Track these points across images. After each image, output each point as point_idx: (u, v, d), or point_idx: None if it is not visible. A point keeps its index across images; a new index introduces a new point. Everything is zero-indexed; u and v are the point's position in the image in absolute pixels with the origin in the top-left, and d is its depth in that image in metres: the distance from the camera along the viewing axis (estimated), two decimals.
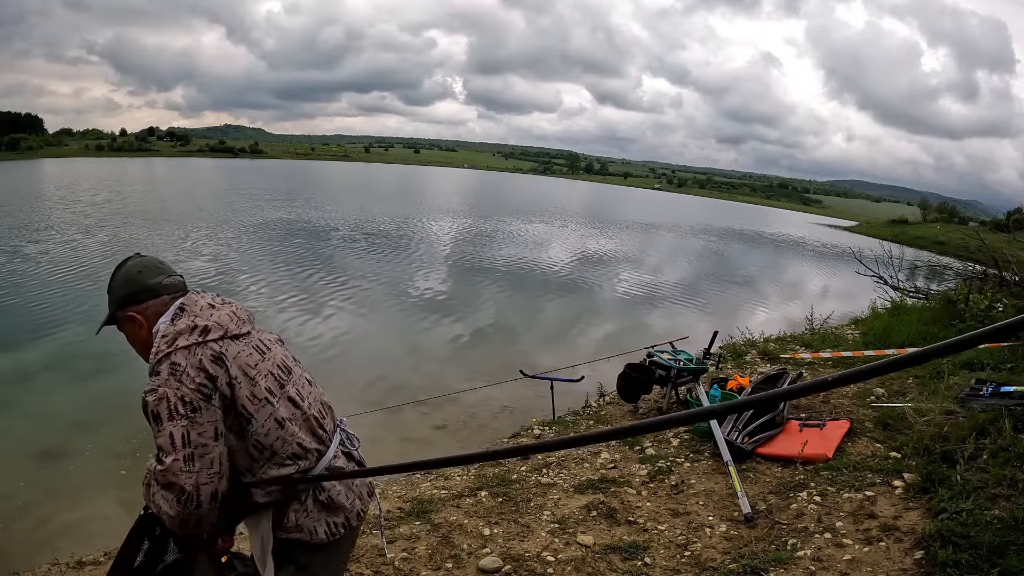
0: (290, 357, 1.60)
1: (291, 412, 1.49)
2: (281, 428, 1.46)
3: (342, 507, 1.54)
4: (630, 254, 20.75)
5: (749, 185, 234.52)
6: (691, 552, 2.97)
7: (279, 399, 1.47)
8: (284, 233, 18.05)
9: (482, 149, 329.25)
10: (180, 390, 1.34)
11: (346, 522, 1.55)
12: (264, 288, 10.89)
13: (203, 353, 1.39)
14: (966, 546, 2.47)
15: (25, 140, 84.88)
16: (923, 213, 68.87)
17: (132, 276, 1.54)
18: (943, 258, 25.91)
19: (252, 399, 1.43)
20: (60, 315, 8.30)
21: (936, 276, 16.18)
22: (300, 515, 1.49)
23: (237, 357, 1.43)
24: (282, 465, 1.46)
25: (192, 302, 1.49)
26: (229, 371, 1.40)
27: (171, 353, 1.37)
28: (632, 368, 5.02)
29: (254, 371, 1.45)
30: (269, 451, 1.45)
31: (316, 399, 1.60)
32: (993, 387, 4.16)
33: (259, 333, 1.55)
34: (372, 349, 8.07)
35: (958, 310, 6.61)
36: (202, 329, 1.42)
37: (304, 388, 1.57)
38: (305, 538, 1.49)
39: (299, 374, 1.59)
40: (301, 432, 1.50)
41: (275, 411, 1.45)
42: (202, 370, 1.37)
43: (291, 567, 1.51)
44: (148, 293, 1.52)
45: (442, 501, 3.62)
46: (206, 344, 1.40)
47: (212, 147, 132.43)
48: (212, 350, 1.40)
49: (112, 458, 4.77)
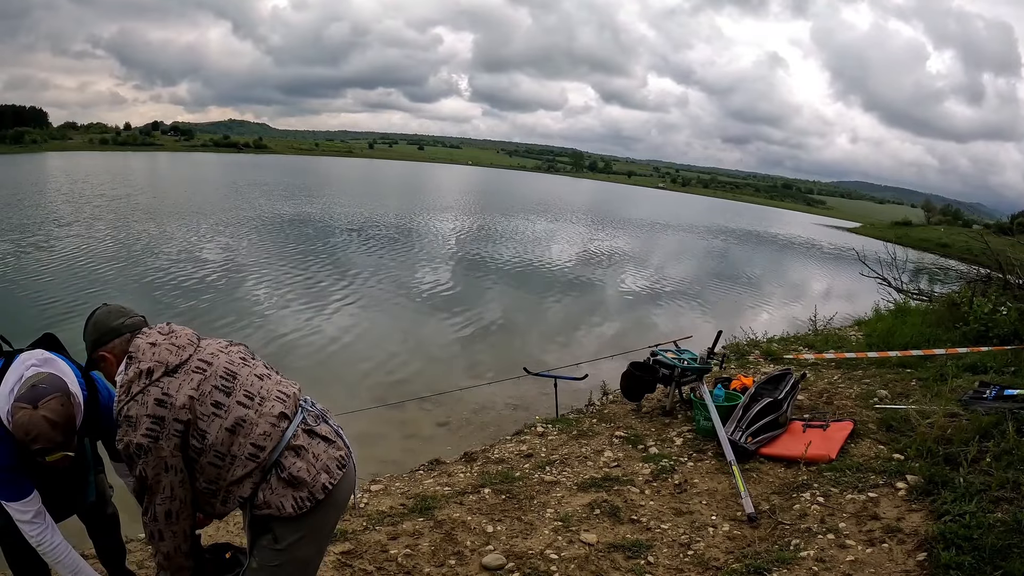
0: (235, 361, 1.76)
1: (242, 414, 1.68)
2: (233, 434, 1.65)
3: (304, 482, 1.68)
4: (633, 252, 20.73)
5: (753, 185, 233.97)
6: (694, 551, 2.98)
7: (227, 408, 1.67)
8: (289, 228, 18.08)
9: (486, 147, 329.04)
10: (135, 437, 1.59)
11: (310, 496, 1.68)
12: (268, 284, 10.92)
13: (148, 399, 1.60)
14: (969, 548, 2.48)
15: (29, 133, 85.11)
16: (927, 215, 68.63)
17: (100, 321, 1.78)
18: (946, 260, 25.83)
19: (201, 418, 1.63)
20: (69, 307, 8.32)
21: (939, 278, 16.13)
22: (267, 493, 1.67)
23: (180, 389, 1.63)
24: (244, 464, 1.65)
25: (136, 347, 1.68)
26: (174, 405, 1.61)
27: (125, 405, 1.61)
28: (636, 367, 5.03)
29: (197, 392, 1.64)
30: (229, 456, 1.65)
31: (270, 390, 1.76)
32: (997, 390, 4.17)
33: (200, 351, 1.73)
34: (375, 345, 8.08)
35: (961, 313, 6.60)
36: (146, 372, 1.63)
37: (254, 386, 1.74)
38: (275, 513, 1.67)
39: (247, 374, 1.75)
40: (257, 429, 1.67)
41: (224, 422, 1.65)
42: (148, 416, 1.59)
43: (268, 536, 1.70)
44: (112, 334, 1.76)
45: (445, 498, 3.64)
46: (152, 386, 1.62)
47: (216, 142, 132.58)
48: (156, 394, 1.61)
49: None
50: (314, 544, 1.78)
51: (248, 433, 1.66)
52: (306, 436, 1.74)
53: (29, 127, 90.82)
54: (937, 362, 5.42)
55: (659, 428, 4.71)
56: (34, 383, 1.74)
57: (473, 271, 14.14)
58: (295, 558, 1.72)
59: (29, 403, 1.66)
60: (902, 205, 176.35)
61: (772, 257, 26.22)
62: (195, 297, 9.60)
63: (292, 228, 18.30)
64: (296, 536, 1.69)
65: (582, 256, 18.45)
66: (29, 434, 1.68)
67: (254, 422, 1.68)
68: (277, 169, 59.00)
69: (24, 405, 1.66)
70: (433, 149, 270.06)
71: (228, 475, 1.65)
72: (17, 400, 1.69)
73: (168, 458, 1.61)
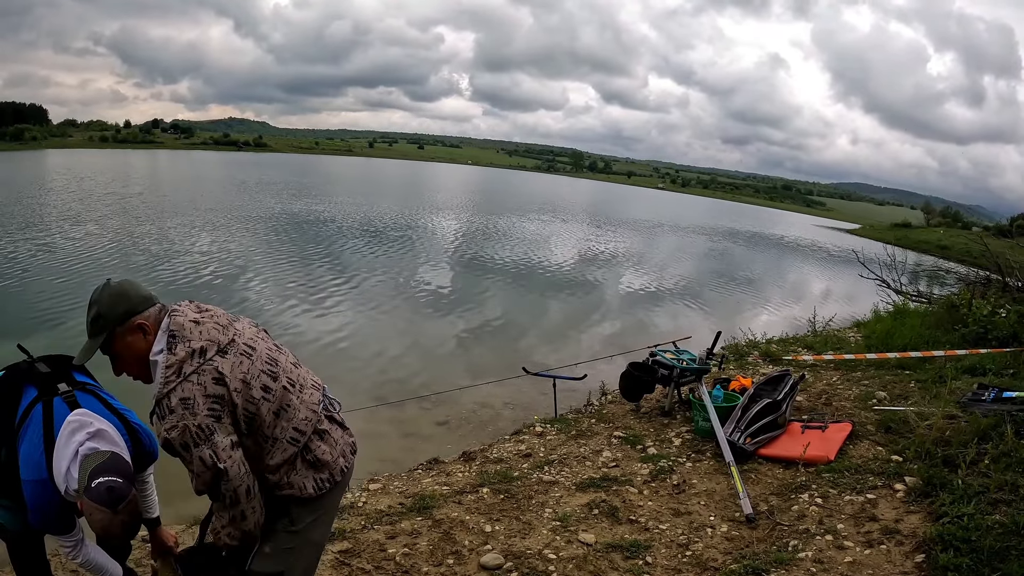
0: (272, 347, 1.76)
1: (288, 399, 1.69)
2: (278, 418, 1.66)
3: (327, 464, 1.74)
4: (633, 253, 20.74)
5: (753, 186, 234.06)
6: (692, 552, 2.98)
7: (275, 393, 1.66)
8: (288, 226, 18.06)
9: (486, 146, 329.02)
10: (196, 419, 1.51)
11: (331, 477, 1.75)
12: (268, 281, 10.91)
13: (206, 379, 1.54)
14: (967, 550, 2.48)
15: (29, 130, 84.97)
16: (926, 217, 68.60)
17: (124, 290, 1.65)
18: (946, 262, 25.84)
19: (251, 401, 1.61)
20: (69, 305, 8.31)
21: (939, 280, 16.13)
22: (291, 474, 1.69)
23: (233, 370, 1.59)
24: (285, 449, 1.67)
25: (179, 326, 1.60)
26: (229, 386, 1.56)
27: (179, 386, 1.52)
28: (635, 367, 5.03)
29: (248, 376, 1.61)
30: (271, 440, 1.65)
31: (305, 378, 1.80)
32: (995, 392, 4.17)
33: (240, 334, 1.68)
34: (375, 344, 8.08)
35: (961, 315, 6.60)
36: (199, 351, 1.56)
37: (293, 373, 1.75)
38: (296, 493, 1.70)
39: (284, 361, 1.75)
40: (299, 415, 1.70)
41: (272, 406, 1.65)
42: (208, 396, 1.53)
43: (285, 519, 1.73)
44: (147, 302, 1.65)
45: (443, 497, 3.63)
46: (206, 365, 1.55)
47: (216, 140, 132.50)
48: (213, 373, 1.55)
49: None
50: (325, 526, 1.84)
51: (291, 418, 1.68)
52: (328, 421, 1.80)
53: (29, 124, 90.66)
54: (936, 364, 5.42)
55: (658, 428, 4.71)
56: (107, 481, 1.59)
57: (472, 270, 14.14)
58: (308, 540, 1.77)
59: (108, 507, 1.58)
60: (902, 207, 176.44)
61: (771, 258, 26.23)
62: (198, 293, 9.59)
63: (308, 228, 18.25)
64: (312, 517, 1.75)
65: (581, 256, 18.45)
66: (106, 534, 1.63)
67: (297, 407, 1.70)
68: (281, 168, 58.88)
69: (103, 509, 1.58)
70: (433, 148, 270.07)
71: (267, 458, 1.66)
72: (94, 499, 1.59)
73: (232, 435, 1.57)
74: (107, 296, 1.63)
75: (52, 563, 2.44)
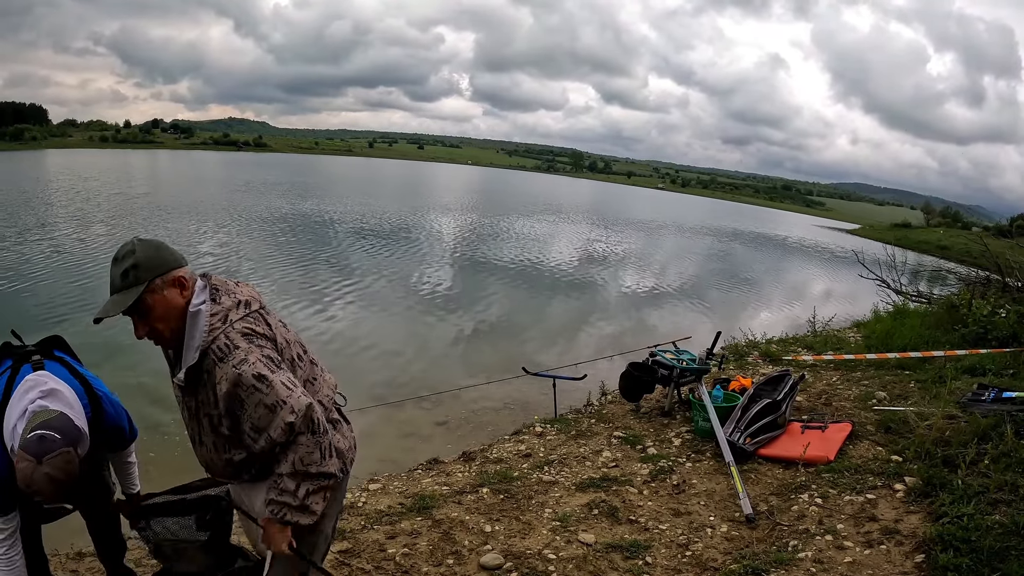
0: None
1: (315, 373, 1.76)
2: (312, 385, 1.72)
3: (343, 452, 1.75)
4: (632, 253, 20.74)
5: (752, 186, 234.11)
6: (692, 552, 2.98)
7: (305, 362, 1.73)
8: (288, 225, 18.05)
9: (486, 146, 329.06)
10: (263, 350, 1.55)
11: (344, 466, 1.74)
12: (268, 280, 10.89)
13: (255, 320, 1.59)
14: (967, 550, 2.48)
15: (29, 130, 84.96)
16: (926, 217, 68.61)
17: (163, 243, 1.62)
18: (946, 263, 25.82)
19: (289, 362, 1.65)
20: (71, 304, 8.31)
21: (939, 280, 16.13)
22: None
23: (276, 327, 1.65)
24: None
25: (221, 282, 1.65)
26: (275, 338, 1.62)
27: (231, 326, 1.54)
28: (635, 367, 5.02)
29: (288, 339, 1.68)
30: None
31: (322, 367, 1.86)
32: (995, 392, 4.17)
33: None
34: (374, 344, 8.08)
35: (960, 315, 6.60)
36: (245, 303, 1.61)
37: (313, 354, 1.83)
38: None
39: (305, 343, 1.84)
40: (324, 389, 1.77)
41: (304, 373, 1.70)
42: (262, 335, 1.59)
43: None
44: (182, 259, 1.62)
45: (443, 497, 3.63)
46: (253, 315, 1.61)
47: (216, 140, 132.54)
48: (260, 320, 1.61)
49: None
50: (333, 518, 1.86)
51: (317, 391, 1.72)
52: (338, 413, 1.84)
53: (29, 124, 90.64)
54: (936, 364, 5.42)
55: (657, 428, 4.71)
56: (42, 432, 1.56)
57: (472, 270, 14.14)
58: (319, 530, 1.77)
59: (33, 457, 1.51)
60: (902, 207, 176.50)
61: (771, 258, 26.22)
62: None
63: (308, 228, 18.24)
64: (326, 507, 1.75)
65: (581, 256, 18.44)
66: (29, 487, 1.55)
67: (322, 383, 1.76)
68: (281, 168, 58.88)
69: (28, 457, 1.52)
70: (433, 148, 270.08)
71: None
72: (22, 447, 1.55)
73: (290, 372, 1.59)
74: (145, 248, 1.57)
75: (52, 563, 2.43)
